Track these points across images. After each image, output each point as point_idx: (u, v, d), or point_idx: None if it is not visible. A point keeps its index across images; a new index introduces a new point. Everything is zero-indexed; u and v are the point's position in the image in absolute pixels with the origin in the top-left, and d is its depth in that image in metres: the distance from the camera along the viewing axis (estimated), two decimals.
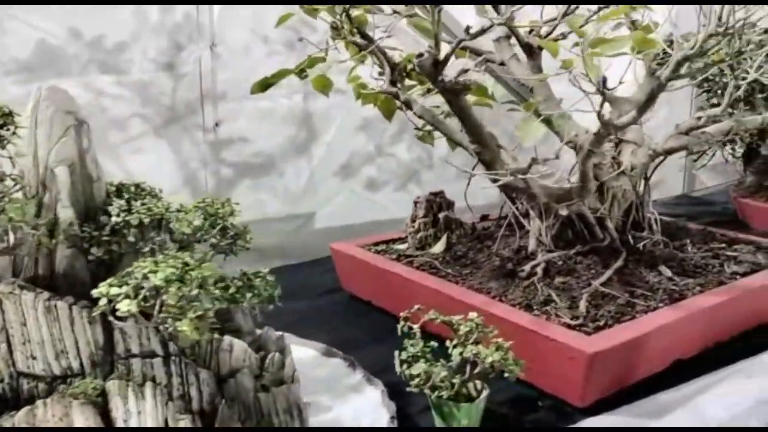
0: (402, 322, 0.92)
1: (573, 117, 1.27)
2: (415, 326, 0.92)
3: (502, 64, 1.32)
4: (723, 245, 1.37)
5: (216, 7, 1.76)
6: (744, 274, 1.24)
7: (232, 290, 0.82)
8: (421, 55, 1.09)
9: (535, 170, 1.05)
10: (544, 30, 1.29)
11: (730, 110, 1.79)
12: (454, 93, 1.11)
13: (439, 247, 1.28)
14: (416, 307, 0.93)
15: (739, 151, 2.07)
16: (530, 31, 1.31)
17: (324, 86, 1.38)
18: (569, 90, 1.06)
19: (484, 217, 1.48)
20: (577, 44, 1.07)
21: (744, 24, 0.92)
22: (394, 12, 1.18)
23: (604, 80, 0.99)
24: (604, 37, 0.94)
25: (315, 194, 2.21)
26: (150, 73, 1.82)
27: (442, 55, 1.05)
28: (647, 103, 1.00)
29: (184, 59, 1.84)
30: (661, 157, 1.33)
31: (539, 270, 1.17)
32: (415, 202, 1.33)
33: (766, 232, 1.92)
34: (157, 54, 1.80)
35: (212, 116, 1.93)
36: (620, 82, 1.07)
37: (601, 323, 1.02)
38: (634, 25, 1.45)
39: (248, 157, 2.04)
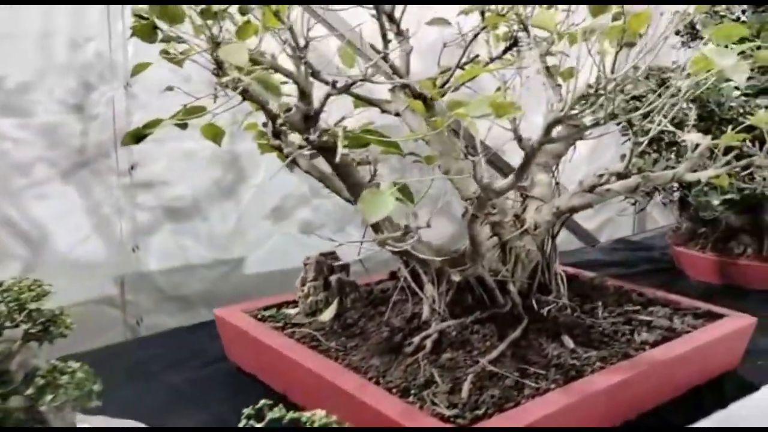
0: (244, 421, 0.80)
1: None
2: (260, 424, 0.79)
3: (397, 114, 1.21)
4: (638, 307, 1.26)
5: (131, 45, 1.65)
6: (655, 344, 1.13)
7: (30, 391, 0.69)
8: (289, 109, 0.98)
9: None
10: (439, 81, 1.18)
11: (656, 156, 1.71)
12: (325, 150, 0.99)
13: (327, 315, 1.16)
14: (262, 402, 0.80)
15: (677, 194, 1.98)
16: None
17: (215, 134, 1.26)
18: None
19: (392, 275, 1.36)
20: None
21: (617, 83, 0.81)
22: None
23: (519, 138, 0.87)
24: (461, 100, 0.83)
25: (244, 238, 2.09)
26: (57, 115, 1.70)
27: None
28: (523, 167, 0.89)
29: (95, 100, 1.73)
30: (567, 215, 1.21)
31: (429, 343, 1.05)
32: (305, 264, 1.21)
33: (702, 283, 1.84)
34: (65, 94, 1.68)
35: (127, 159, 1.81)
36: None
37: (481, 412, 0.90)
38: (548, 71, 1.35)
39: (169, 201, 1.92)
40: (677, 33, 1.98)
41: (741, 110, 1.60)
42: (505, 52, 1.17)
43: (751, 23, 1.82)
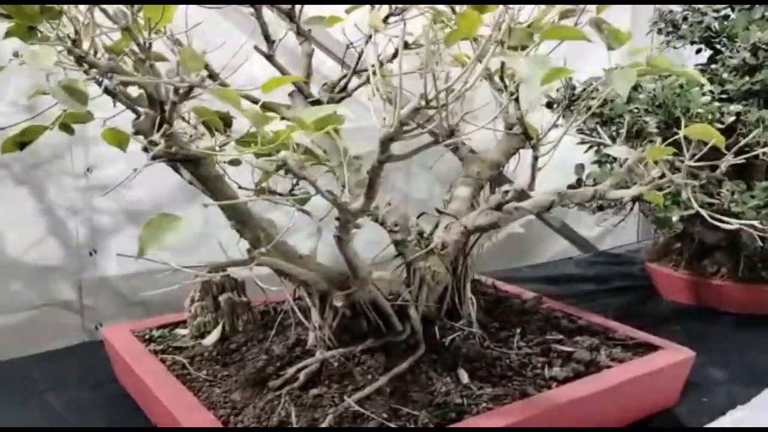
0: None
1: None
2: None
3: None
4: (562, 337, 1.11)
5: None
6: (565, 380, 0.99)
7: None
8: (138, 116, 0.88)
9: None
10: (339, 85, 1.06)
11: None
12: (187, 162, 0.89)
13: (210, 339, 1.05)
14: None
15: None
16: (323, 86, 1.08)
17: (120, 141, 1.16)
18: None
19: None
20: None
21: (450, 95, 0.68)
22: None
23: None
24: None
25: (209, 243, 2.00)
26: (8, 116, 1.64)
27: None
28: (370, 185, 0.76)
29: (48, 100, 1.66)
30: (478, 234, 1.08)
31: (302, 376, 0.94)
32: (194, 283, 1.11)
33: (674, 303, 1.67)
34: (16, 95, 1.61)
35: (83, 161, 1.73)
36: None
37: None
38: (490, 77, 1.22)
39: (129, 204, 1.84)
40: (659, 31, 1.80)
41: (710, 117, 1.43)
42: (394, 57, 1.04)
43: (739, 20, 1.64)
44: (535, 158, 0.92)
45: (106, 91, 0.99)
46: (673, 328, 1.52)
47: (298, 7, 1.06)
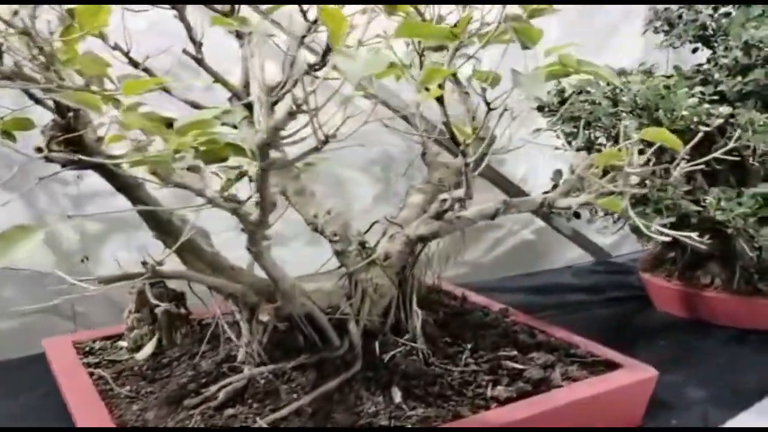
0: None
1: None
2: None
3: (234, 126, 1.04)
4: (516, 353, 1.03)
5: None
6: (507, 400, 0.91)
7: None
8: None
9: None
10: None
11: None
12: (102, 170, 0.84)
13: (144, 352, 1.01)
14: None
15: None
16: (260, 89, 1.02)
17: None
18: None
19: None
20: None
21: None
22: None
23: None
24: None
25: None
26: None
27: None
28: (263, 198, 0.70)
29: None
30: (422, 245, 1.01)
31: (222, 394, 0.88)
32: (129, 293, 1.07)
33: (666, 315, 1.56)
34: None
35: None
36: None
37: None
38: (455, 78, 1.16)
39: (120, 212, 1.82)
40: (655, 30, 1.70)
41: (696, 119, 1.32)
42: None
43: (737, 18, 1.52)
44: (466, 165, 0.84)
45: (29, 96, 0.96)
46: (658, 343, 1.41)
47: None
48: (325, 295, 0.99)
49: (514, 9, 0.99)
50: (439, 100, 0.83)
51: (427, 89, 0.81)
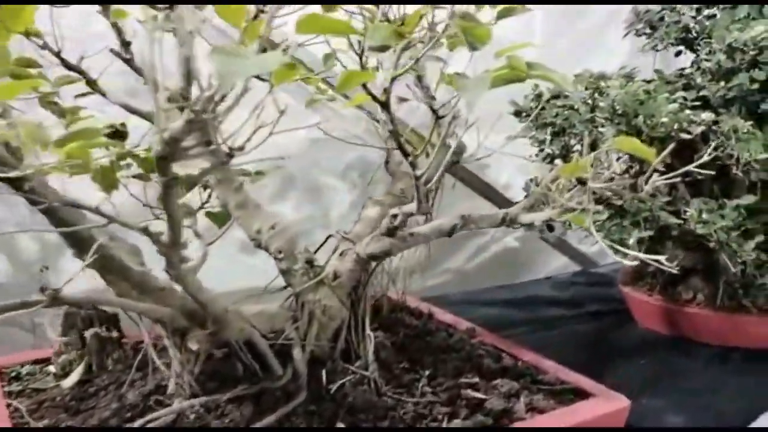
0: None
1: None
2: None
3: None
4: (478, 380, 0.94)
5: None
6: None
7: None
8: None
9: None
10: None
11: None
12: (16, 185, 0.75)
13: (71, 380, 0.91)
14: None
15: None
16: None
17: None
18: None
19: None
20: None
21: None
22: None
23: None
24: None
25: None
26: None
27: None
28: (170, 216, 0.61)
29: None
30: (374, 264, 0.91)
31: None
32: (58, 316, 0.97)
33: (648, 332, 1.46)
34: None
35: None
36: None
37: None
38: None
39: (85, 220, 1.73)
40: (637, 33, 1.61)
41: (677, 126, 1.23)
42: None
43: (722, 20, 1.43)
44: (416, 178, 0.75)
45: None
46: (637, 362, 1.32)
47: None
48: (268, 319, 0.89)
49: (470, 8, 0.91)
50: (384, 105, 0.74)
51: (370, 94, 0.72)
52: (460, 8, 0.70)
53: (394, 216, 0.83)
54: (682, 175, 1.39)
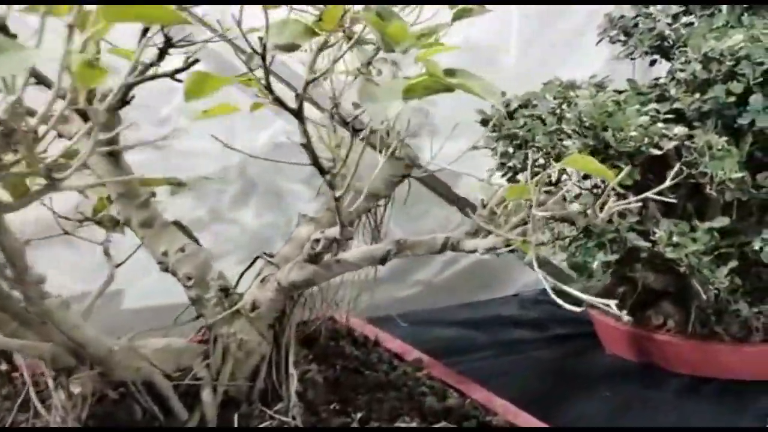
0: None
1: None
2: None
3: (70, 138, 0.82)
4: (416, 425, 0.81)
5: None
6: None
7: None
8: None
9: None
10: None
11: None
12: None
13: None
14: None
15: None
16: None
17: None
18: None
19: None
20: None
21: None
22: None
23: None
24: None
25: (121, 268, 1.73)
26: None
27: None
28: (11, 259, 0.48)
29: None
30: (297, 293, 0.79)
31: None
32: None
33: (615, 359, 1.35)
34: None
35: None
36: None
37: None
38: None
39: (23, 225, 1.58)
40: (611, 40, 1.50)
41: (647, 141, 1.12)
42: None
43: (699, 28, 1.33)
44: (336, 199, 0.63)
45: None
46: (602, 393, 1.21)
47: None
48: (173, 355, 0.77)
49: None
50: (297, 115, 0.62)
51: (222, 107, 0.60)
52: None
53: (317, 241, 0.71)
54: (654, 193, 1.29)
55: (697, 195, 1.23)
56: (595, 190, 1.33)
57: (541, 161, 1.18)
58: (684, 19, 1.41)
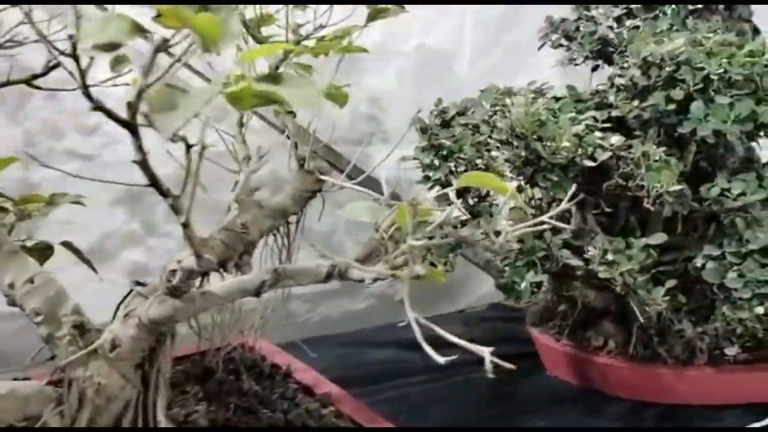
0: None
1: None
2: None
3: None
4: None
5: None
6: None
7: None
8: None
9: None
10: None
11: None
12: None
13: None
14: None
15: None
16: None
17: None
18: None
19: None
20: None
21: None
22: None
23: None
24: None
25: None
26: None
27: None
28: None
29: None
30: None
31: None
32: None
33: (557, 382, 1.26)
34: None
35: None
36: None
37: None
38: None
39: None
40: (553, 45, 1.41)
41: (581, 151, 1.03)
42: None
43: (641, 32, 1.24)
44: (183, 225, 0.52)
45: None
46: (535, 422, 1.11)
47: None
48: (19, 402, 0.65)
49: None
50: (128, 126, 0.51)
51: None
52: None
53: (172, 272, 0.60)
54: (592, 206, 1.19)
55: (638, 208, 1.14)
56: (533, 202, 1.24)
57: None
58: (628, 23, 1.32)
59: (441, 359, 0.47)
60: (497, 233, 0.60)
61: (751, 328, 1.11)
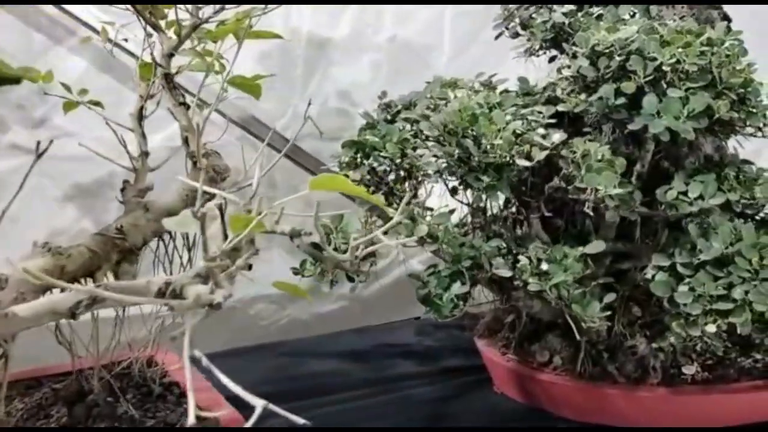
0: None
1: None
2: None
3: None
4: None
5: None
6: None
7: None
8: None
9: None
10: None
11: None
12: None
13: None
14: None
15: None
16: None
17: None
18: None
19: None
20: None
21: None
22: None
23: None
24: None
25: None
26: None
27: None
28: None
29: None
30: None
31: None
32: None
33: (503, 400, 1.14)
34: None
35: None
36: None
37: None
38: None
39: None
40: (510, 34, 1.29)
41: (515, 151, 0.92)
42: None
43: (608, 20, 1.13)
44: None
45: None
46: None
47: None
48: None
49: None
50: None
51: None
52: None
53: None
54: (534, 210, 1.08)
55: (596, 213, 1.03)
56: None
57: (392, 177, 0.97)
58: (595, 10, 1.20)
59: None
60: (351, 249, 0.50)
61: (711, 345, 1.00)
